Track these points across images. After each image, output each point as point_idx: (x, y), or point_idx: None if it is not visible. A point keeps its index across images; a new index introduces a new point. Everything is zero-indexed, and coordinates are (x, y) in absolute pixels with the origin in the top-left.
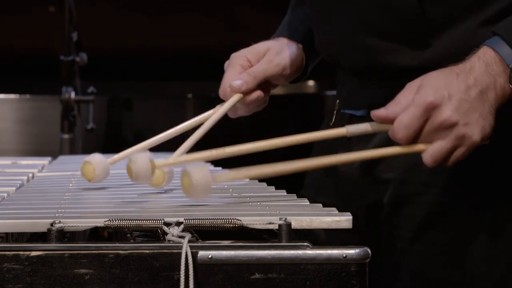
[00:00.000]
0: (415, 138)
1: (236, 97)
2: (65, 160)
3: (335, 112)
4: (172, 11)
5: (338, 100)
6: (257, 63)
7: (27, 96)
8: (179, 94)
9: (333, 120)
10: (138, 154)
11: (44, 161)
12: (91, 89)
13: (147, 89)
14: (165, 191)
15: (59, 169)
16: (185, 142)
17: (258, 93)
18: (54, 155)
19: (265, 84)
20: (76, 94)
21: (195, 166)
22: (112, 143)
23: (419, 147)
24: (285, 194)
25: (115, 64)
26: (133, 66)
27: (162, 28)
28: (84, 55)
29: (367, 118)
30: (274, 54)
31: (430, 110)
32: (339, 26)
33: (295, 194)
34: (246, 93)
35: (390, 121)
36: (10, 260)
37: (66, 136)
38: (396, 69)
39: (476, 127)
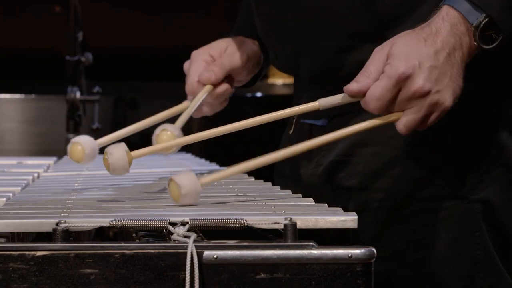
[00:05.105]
0: (387, 108)
1: (206, 89)
2: (70, 160)
3: (294, 121)
4: (179, 11)
5: None
6: (220, 58)
7: (33, 96)
8: (185, 94)
9: (292, 130)
10: (114, 146)
11: (50, 161)
12: (96, 89)
13: (153, 89)
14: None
15: (65, 169)
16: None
17: (226, 86)
18: (59, 155)
19: (228, 79)
20: (82, 94)
21: (181, 174)
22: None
23: (392, 117)
24: (290, 193)
25: (121, 64)
26: (139, 66)
27: (168, 28)
28: (90, 55)
29: (328, 128)
30: (236, 48)
31: (402, 80)
32: (294, 34)
33: (300, 194)
34: (215, 85)
35: (363, 94)
36: (15, 260)
37: (71, 136)
38: (354, 69)
39: (447, 92)
